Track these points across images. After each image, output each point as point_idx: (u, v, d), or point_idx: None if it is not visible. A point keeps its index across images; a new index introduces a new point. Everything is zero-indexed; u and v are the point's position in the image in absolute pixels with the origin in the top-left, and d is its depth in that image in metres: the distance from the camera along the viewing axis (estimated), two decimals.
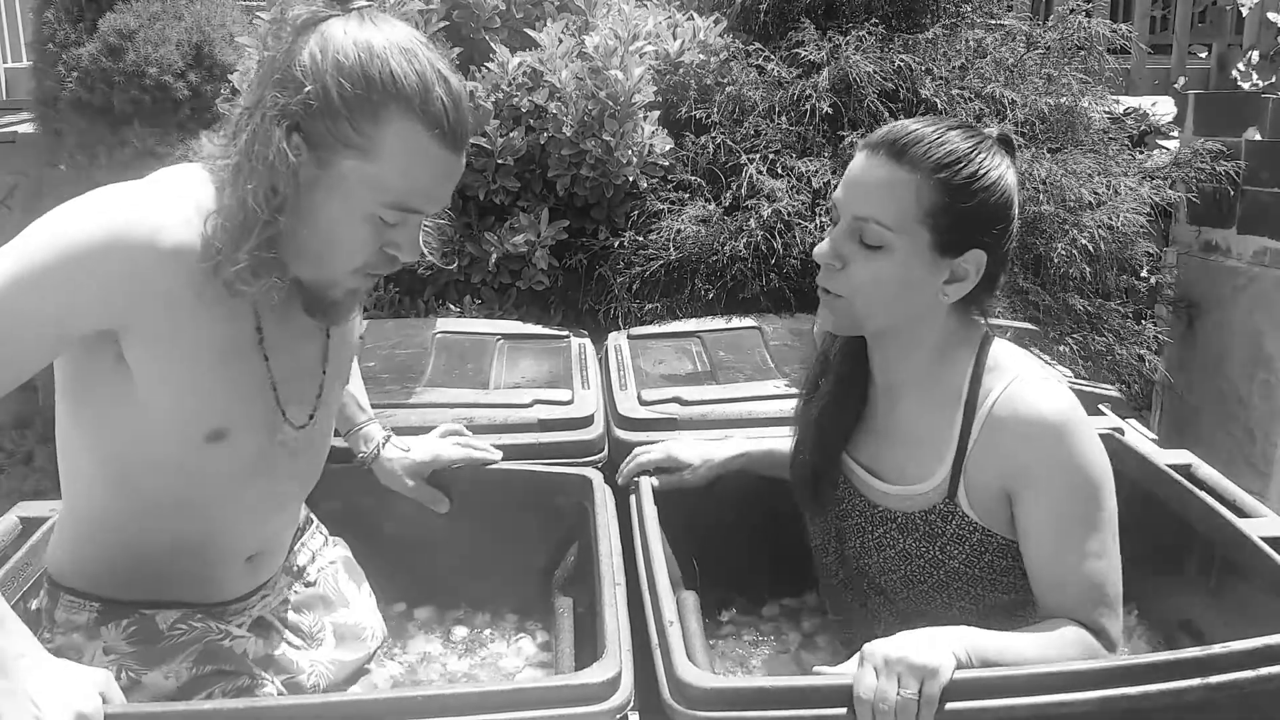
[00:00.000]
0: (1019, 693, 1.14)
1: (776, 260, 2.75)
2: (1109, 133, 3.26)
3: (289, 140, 1.12)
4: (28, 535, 1.55)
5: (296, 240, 1.19)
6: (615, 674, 1.15)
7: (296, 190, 1.15)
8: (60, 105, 2.90)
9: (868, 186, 1.30)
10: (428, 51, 1.16)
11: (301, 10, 1.15)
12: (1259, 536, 1.47)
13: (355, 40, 1.12)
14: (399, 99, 1.12)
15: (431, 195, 1.20)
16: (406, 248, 1.22)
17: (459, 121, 1.17)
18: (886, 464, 1.43)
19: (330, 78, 1.11)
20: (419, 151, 1.14)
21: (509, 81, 2.79)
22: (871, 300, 1.32)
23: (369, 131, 1.12)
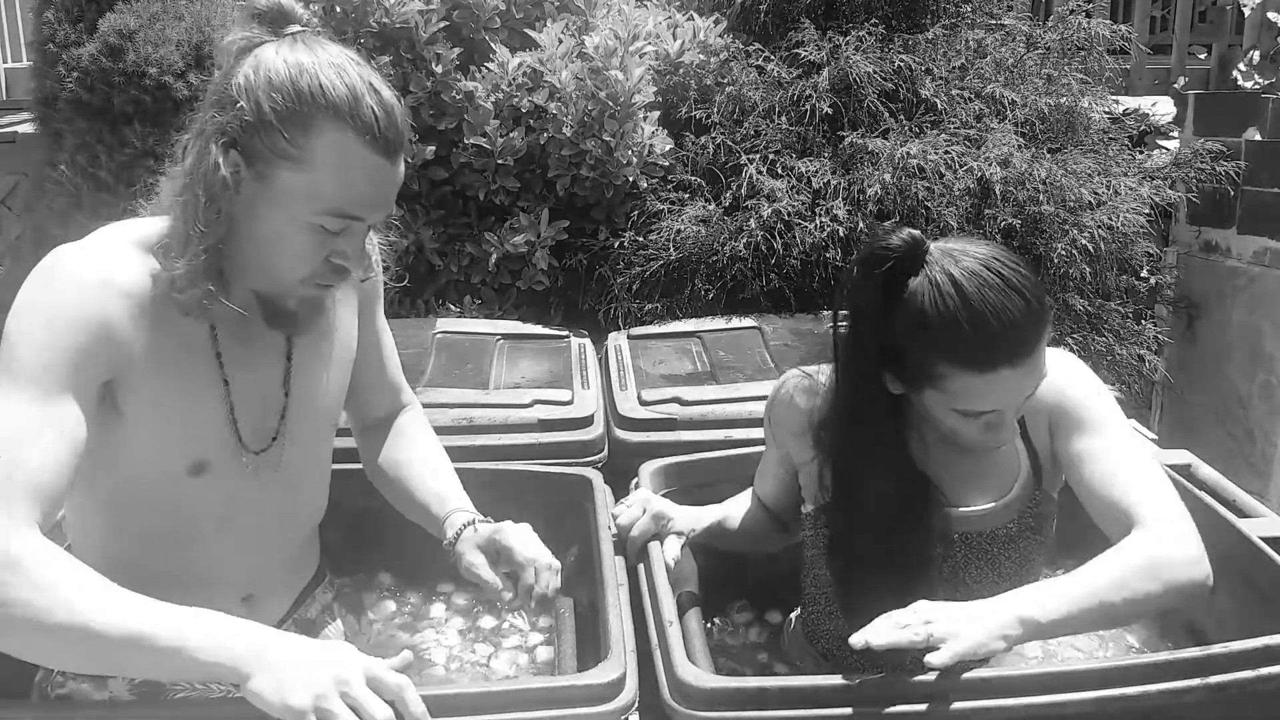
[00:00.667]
0: (1019, 693, 1.14)
1: (776, 260, 2.75)
2: (1109, 133, 3.26)
3: (226, 156, 1.17)
4: None
5: (245, 254, 1.23)
6: (620, 675, 1.15)
7: (236, 205, 1.19)
8: (60, 105, 2.90)
9: (1032, 378, 1.28)
10: (358, 67, 1.21)
11: (238, 37, 1.21)
12: (1259, 536, 1.47)
13: (286, 60, 1.17)
14: (328, 109, 1.16)
15: (369, 202, 1.22)
16: (353, 257, 1.24)
17: (390, 128, 1.20)
18: (975, 494, 1.42)
19: (262, 94, 1.16)
20: (351, 158, 1.18)
21: (509, 81, 2.79)
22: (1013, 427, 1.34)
23: (301, 142, 1.16)
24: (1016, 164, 2.84)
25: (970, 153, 2.84)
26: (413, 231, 2.87)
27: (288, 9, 1.22)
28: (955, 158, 2.81)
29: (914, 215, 2.80)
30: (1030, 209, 2.84)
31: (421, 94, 2.81)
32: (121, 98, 2.82)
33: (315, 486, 1.48)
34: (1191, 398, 3.69)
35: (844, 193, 2.80)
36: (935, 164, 2.79)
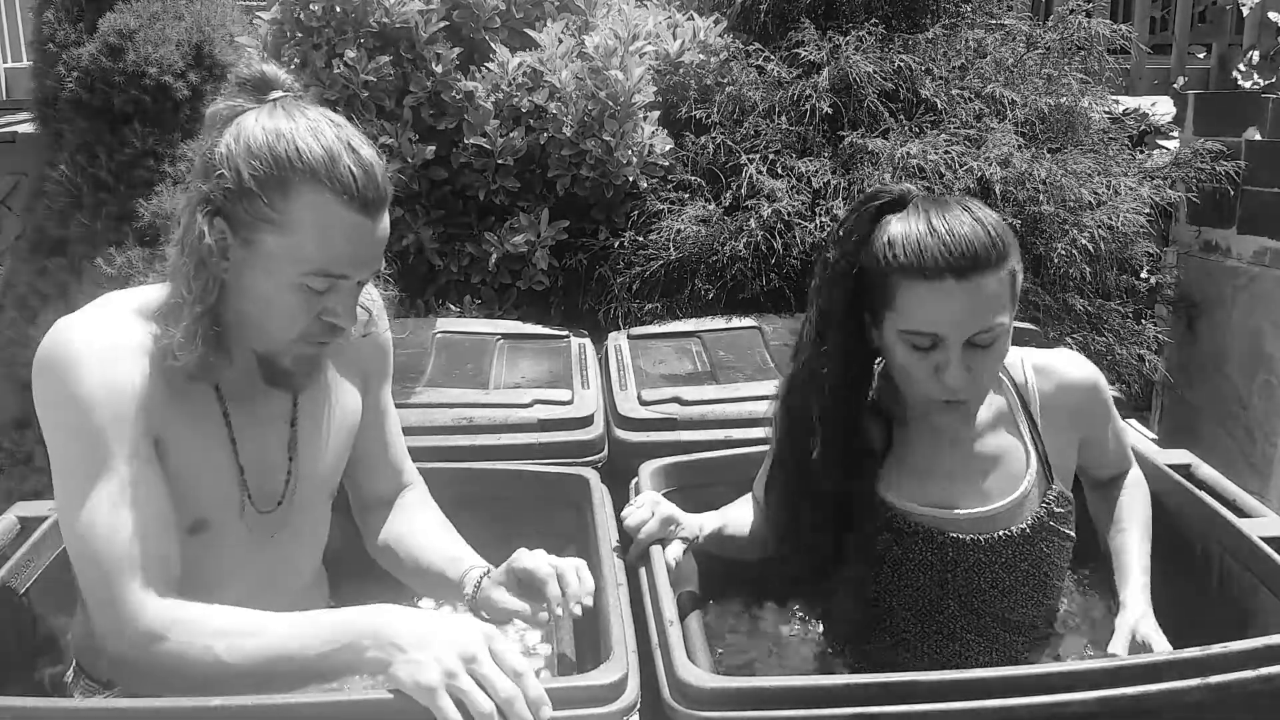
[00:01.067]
0: (1019, 693, 1.14)
1: (776, 260, 2.75)
2: (1109, 133, 3.25)
3: (211, 225, 1.21)
4: (27, 535, 1.55)
5: (240, 316, 1.28)
6: (622, 676, 1.15)
7: (227, 271, 1.24)
8: (60, 105, 2.90)
9: (980, 303, 1.31)
10: (336, 129, 1.24)
11: (222, 106, 1.27)
12: (1259, 536, 1.47)
13: (264, 126, 1.22)
14: (305, 171, 1.20)
15: (351, 260, 1.25)
16: (344, 314, 1.28)
17: (369, 186, 1.23)
18: (974, 495, 1.44)
19: (242, 161, 1.20)
20: (330, 218, 1.21)
21: (509, 81, 2.79)
22: (989, 386, 1.44)
23: (281, 206, 1.20)
24: (1016, 164, 2.84)
25: (970, 153, 2.84)
26: (413, 231, 2.87)
27: (270, 76, 1.28)
28: (955, 158, 2.81)
29: None
30: (1030, 209, 2.84)
31: (421, 94, 2.81)
32: (121, 98, 2.82)
33: (314, 547, 1.51)
34: (1191, 398, 3.69)
35: (844, 193, 2.80)
36: (935, 164, 2.79)
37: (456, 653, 1.07)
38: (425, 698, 1.05)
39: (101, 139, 2.85)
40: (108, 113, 2.85)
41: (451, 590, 1.42)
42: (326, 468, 1.45)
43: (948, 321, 1.31)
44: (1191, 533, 1.59)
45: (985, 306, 1.31)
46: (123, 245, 2.79)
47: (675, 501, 1.57)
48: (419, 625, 1.11)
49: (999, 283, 1.32)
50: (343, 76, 2.75)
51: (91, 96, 2.83)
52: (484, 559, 1.54)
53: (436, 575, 1.45)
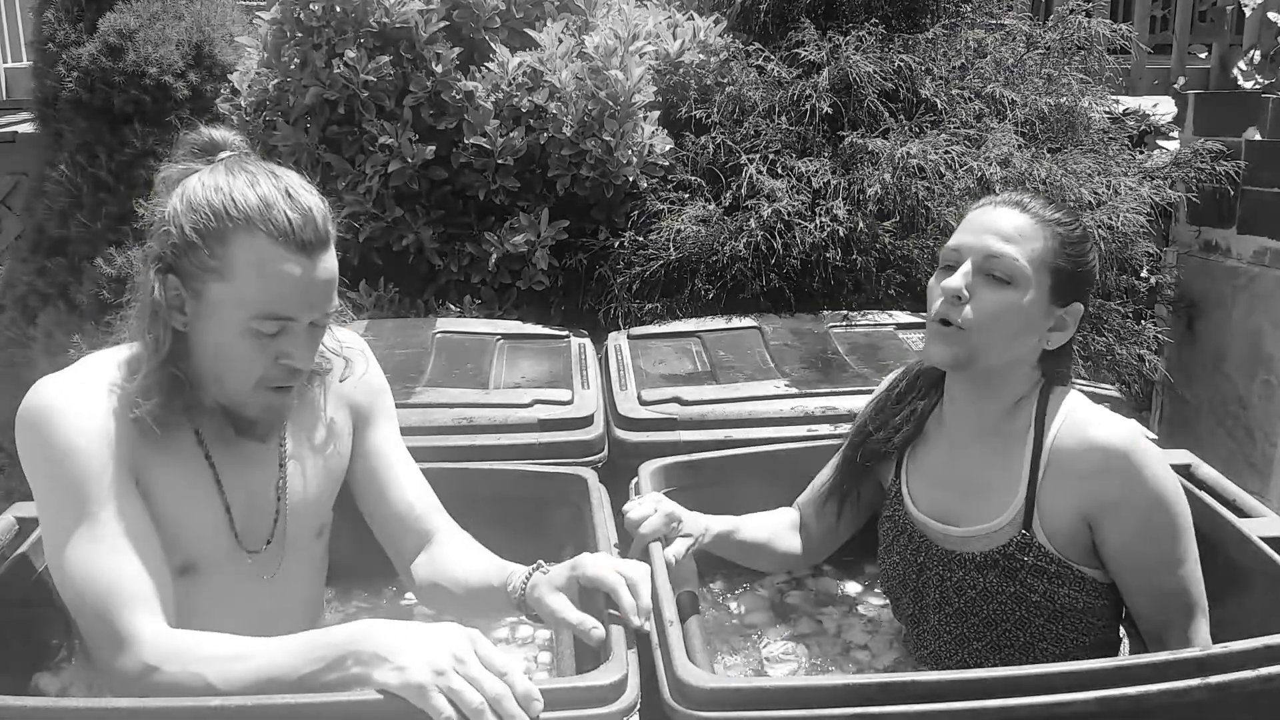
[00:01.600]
0: (1019, 693, 1.13)
1: (776, 260, 2.75)
2: (1109, 133, 3.25)
3: (163, 281, 1.28)
4: (25, 535, 1.55)
5: (201, 369, 1.33)
6: (621, 676, 1.15)
7: (181, 323, 1.30)
8: (60, 105, 2.90)
9: (1001, 228, 1.39)
10: (274, 179, 1.30)
11: (174, 169, 1.33)
12: (1259, 536, 1.47)
13: (205, 183, 1.29)
14: (240, 219, 1.26)
15: (295, 301, 1.29)
16: (298, 355, 1.32)
17: (307, 228, 1.28)
18: (957, 510, 1.48)
19: (185, 217, 1.27)
20: (268, 262, 1.26)
21: (509, 81, 2.79)
22: (990, 333, 1.40)
23: (221, 254, 1.26)
24: (1016, 164, 2.84)
25: (970, 152, 2.84)
26: (413, 231, 2.87)
27: (219, 140, 1.35)
28: (955, 157, 2.81)
29: (914, 215, 2.80)
30: None
31: (421, 94, 2.81)
32: (121, 98, 2.82)
33: (306, 586, 1.52)
34: (1191, 398, 3.69)
35: (844, 193, 2.80)
36: (935, 164, 2.79)
37: (443, 654, 1.08)
38: (416, 697, 1.06)
39: (101, 139, 2.85)
40: (108, 113, 2.86)
41: (499, 599, 1.39)
42: (313, 507, 1.47)
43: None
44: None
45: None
46: (123, 245, 2.79)
47: (676, 501, 1.57)
48: (401, 633, 1.12)
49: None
50: (343, 76, 2.75)
51: (91, 96, 2.84)
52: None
53: (485, 590, 1.41)
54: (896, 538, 1.54)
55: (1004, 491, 1.42)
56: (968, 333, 1.39)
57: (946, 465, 1.50)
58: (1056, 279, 1.39)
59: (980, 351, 1.40)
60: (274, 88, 2.88)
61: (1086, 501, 1.36)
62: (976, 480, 1.46)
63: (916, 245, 2.78)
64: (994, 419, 1.46)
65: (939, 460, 1.52)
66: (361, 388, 1.54)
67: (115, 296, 2.76)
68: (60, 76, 2.85)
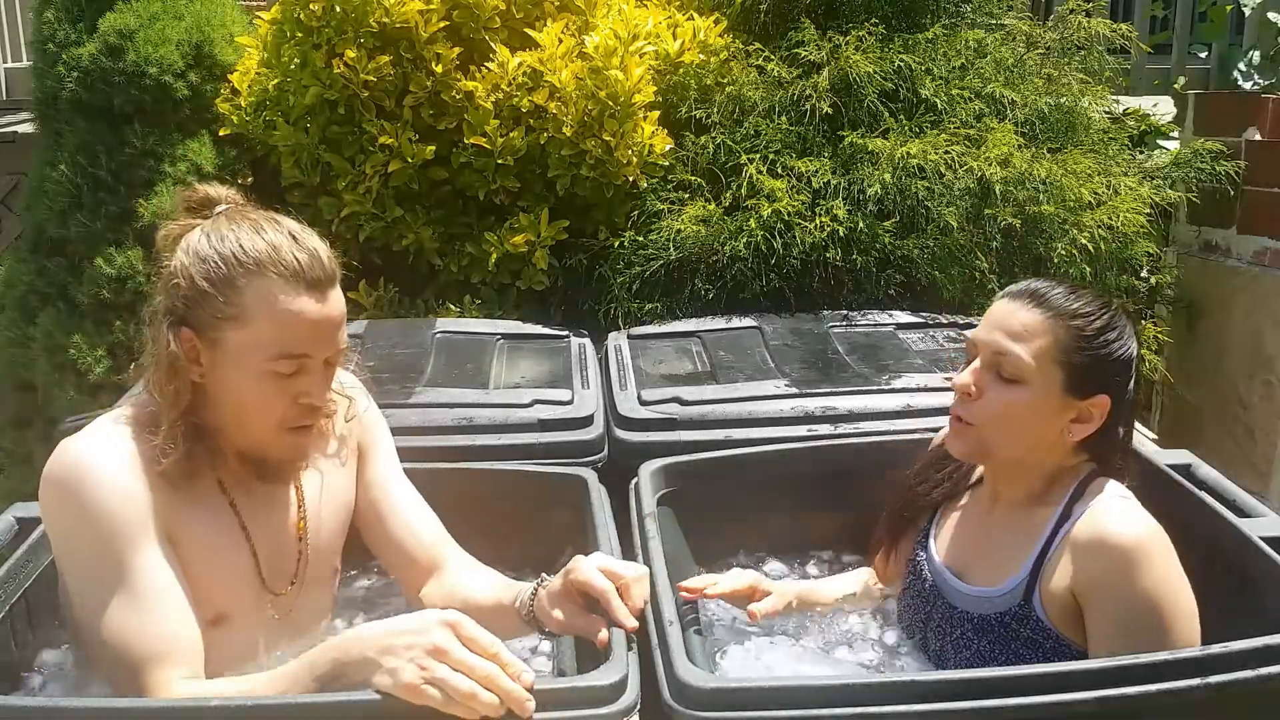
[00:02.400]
0: (1019, 693, 1.14)
1: (776, 260, 2.75)
2: (1109, 133, 3.25)
3: (177, 334, 1.31)
4: (26, 535, 1.55)
5: (222, 417, 1.36)
6: (622, 676, 1.15)
7: (198, 374, 1.32)
8: (60, 105, 2.90)
9: (1010, 326, 1.42)
10: (276, 225, 1.35)
11: (173, 226, 1.38)
12: (1259, 536, 1.47)
13: (209, 235, 1.33)
14: (251, 264, 1.30)
15: (310, 338, 1.32)
16: (316, 393, 1.35)
17: (315, 267, 1.32)
18: (971, 568, 1.50)
19: (194, 269, 1.31)
20: (282, 302, 1.30)
21: (509, 81, 2.79)
22: (1001, 430, 1.43)
23: (235, 300, 1.30)
24: (1016, 164, 2.84)
25: (970, 152, 2.84)
26: (413, 231, 2.87)
27: (214, 196, 1.40)
28: (955, 157, 2.81)
29: (914, 215, 2.80)
30: (1030, 209, 2.84)
31: (421, 94, 2.81)
32: (121, 98, 2.82)
33: (320, 619, 1.55)
34: (1191, 398, 3.69)
35: (844, 193, 2.80)
36: (935, 164, 2.79)
37: (426, 648, 1.09)
38: (410, 696, 1.08)
39: (101, 139, 2.85)
40: (108, 113, 2.85)
41: (513, 618, 1.39)
42: (331, 545, 1.52)
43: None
44: (1191, 533, 1.59)
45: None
46: (123, 245, 2.79)
47: (676, 501, 1.57)
48: (381, 635, 1.13)
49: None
50: (343, 76, 2.75)
51: (91, 96, 2.83)
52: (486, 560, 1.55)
53: (496, 610, 1.41)
54: (915, 580, 1.58)
55: (1014, 561, 1.44)
56: (978, 429, 1.43)
57: (973, 521, 1.54)
58: (1069, 374, 1.40)
59: (993, 446, 1.45)
60: (274, 88, 2.88)
61: (1079, 578, 1.36)
62: (994, 543, 1.48)
63: (916, 245, 2.78)
64: (1030, 490, 1.48)
65: (969, 515, 1.56)
66: (362, 426, 1.58)
67: (115, 296, 2.76)
68: (60, 76, 2.85)
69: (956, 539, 1.56)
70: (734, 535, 1.84)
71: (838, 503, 1.84)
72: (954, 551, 1.54)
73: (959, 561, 1.53)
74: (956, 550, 1.54)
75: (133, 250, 2.78)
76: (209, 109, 2.94)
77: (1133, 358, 1.45)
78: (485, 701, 1.07)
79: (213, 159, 2.90)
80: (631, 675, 1.16)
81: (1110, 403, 1.42)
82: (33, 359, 2.87)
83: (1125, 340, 1.43)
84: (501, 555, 1.73)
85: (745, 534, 1.85)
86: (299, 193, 2.91)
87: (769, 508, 1.83)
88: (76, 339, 2.76)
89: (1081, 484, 1.44)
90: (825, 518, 1.87)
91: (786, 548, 1.87)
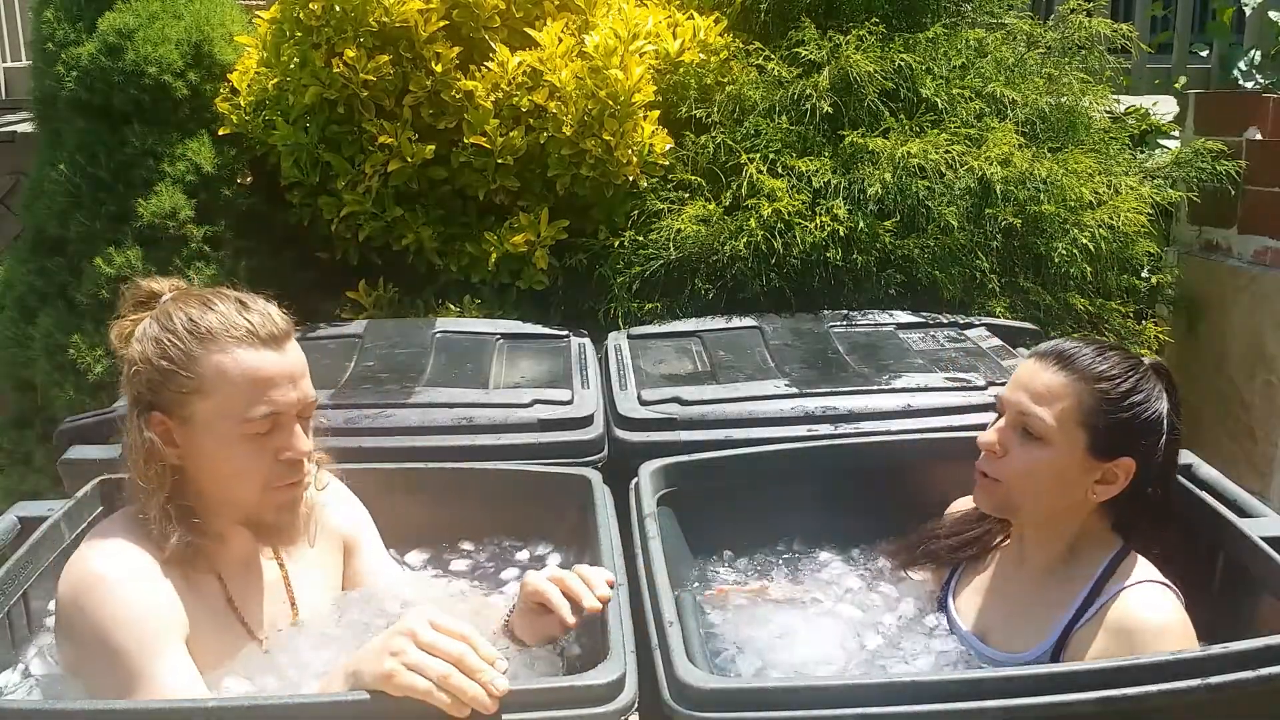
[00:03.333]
0: (1020, 693, 1.13)
1: (777, 260, 2.75)
2: (1110, 132, 3.25)
3: (148, 420, 1.35)
4: (26, 535, 1.55)
5: (210, 492, 1.39)
6: (620, 675, 1.15)
7: (176, 456, 1.36)
8: (60, 105, 2.89)
9: (1035, 386, 1.45)
10: (223, 297, 1.40)
11: (124, 323, 1.43)
12: (1259, 536, 1.47)
13: (160, 319, 1.38)
14: (205, 335, 1.35)
15: (278, 395, 1.36)
16: (296, 446, 1.38)
17: (267, 325, 1.37)
18: (995, 629, 1.51)
19: (152, 353, 1.36)
20: (242, 364, 1.34)
21: (509, 81, 2.79)
22: (1026, 487, 1.45)
23: (196, 372, 1.34)
24: (1017, 163, 2.83)
25: (971, 152, 2.84)
26: (413, 231, 2.87)
27: (157, 289, 1.44)
28: (956, 157, 2.81)
29: (915, 214, 2.80)
30: (1031, 208, 2.84)
31: (421, 94, 2.81)
32: (121, 97, 2.81)
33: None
34: (1192, 398, 3.68)
35: (844, 192, 2.80)
36: (936, 163, 2.79)
37: (396, 638, 1.12)
38: (388, 684, 1.10)
39: (101, 139, 2.84)
40: (107, 112, 2.85)
41: (505, 641, 1.41)
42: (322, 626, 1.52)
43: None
44: (1192, 533, 1.59)
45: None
46: (122, 245, 2.79)
47: (676, 501, 1.57)
48: (362, 649, 1.17)
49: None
50: (343, 76, 2.75)
51: (91, 96, 2.83)
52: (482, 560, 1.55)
53: (493, 638, 1.43)
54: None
55: (1041, 628, 1.44)
56: (1004, 485, 1.46)
57: (998, 585, 1.55)
58: (1093, 436, 1.42)
59: (1018, 503, 1.47)
60: (274, 87, 2.88)
61: (1097, 650, 1.37)
62: (1021, 608, 1.49)
63: (917, 245, 2.78)
64: (1057, 555, 1.49)
65: (993, 577, 1.57)
66: (347, 522, 1.61)
67: (115, 296, 2.76)
68: (60, 76, 2.84)
69: (980, 601, 1.56)
70: (734, 535, 1.84)
71: (838, 502, 1.83)
72: (977, 613, 1.55)
73: (982, 624, 1.53)
74: (980, 612, 1.55)
75: (132, 250, 2.77)
76: (208, 108, 2.94)
77: (1162, 419, 1.47)
78: (457, 685, 1.08)
79: (212, 158, 2.90)
80: (629, 674, 1.16)
81: (1136, 466, 1.44)
82: (33, 359, 2.87)
83: (1152, 403, 1.45)
84: (502, 556, 1.73)
85: (745, 534, 1.85)
86: (298, 192, 2.91)
87: (769, 508, 1.83)
88: (76, 339, 2.76)
89: (1115, 559, 1.45)
90: (826, 518, 1.87)
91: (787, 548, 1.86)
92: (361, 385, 2.11)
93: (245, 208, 2.94)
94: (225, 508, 1.40)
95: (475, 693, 1.09)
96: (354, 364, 2.26)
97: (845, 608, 1.62)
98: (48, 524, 1.55)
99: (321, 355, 2.33)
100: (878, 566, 1.74)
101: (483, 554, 1.76)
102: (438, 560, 1.75)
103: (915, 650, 1.53)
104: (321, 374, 2.20)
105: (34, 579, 1.50)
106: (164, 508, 1.34)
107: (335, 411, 1.96)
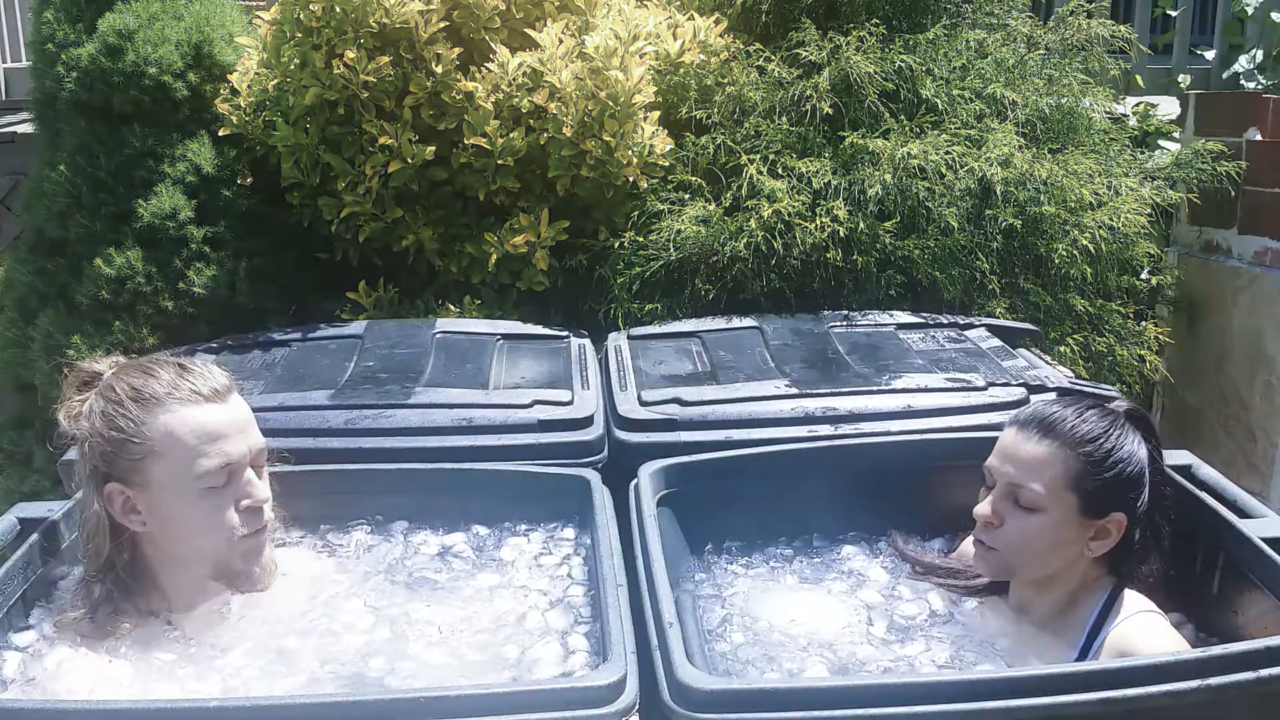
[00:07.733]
0: (1020, 693, 1.13)
1: (776, 260, 2.75)
2: (1110, 133, 3.25)
3: (102, 491, 1.39)
4: (26, 536, 1.55)
5: (176, 551, 1.43)
6: (620, 676, 1.15)
7: (140, 524, 1.40)
8: (59, 105, 2.89)
9: (1022, 457, 1.49)
10: (165, 363, 1.45)
11: (70, 404, 1.45)
12: (1259, 537, 1.47)
13: (103, 393, 1.42)
14: (151, 399, 1.39)
15: (229, 447, 1.41)
16: (255, 492, 1.44)
17: (208, 381, 1.42)
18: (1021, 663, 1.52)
19: (101, 425, 1.40)
20: (190, 420, 1.39)
21: (509, 81, 2.79)
22: (1024, 553, 1.50)
23: (146, 435, 1.38)
24: (1017, 164, 2.83)
25: (971, 153, 2.84)
26: (413, 232, 2.87)
27: (98, 369, 1.48)
28: (956, 158, 2.81)
29: (915, 215, 2.80)
30: (1031, 209, 2.84)
31: (421, 94, 2.81)
32: (121, 98, 2.81)
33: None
34: (1192, 398, 3.69)
35: (844, 193, 2.80)
36: (936, 164, 2.79)
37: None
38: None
39: (101, 139, 2.84)
40: (107, 113, 2.85)
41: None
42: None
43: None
44: (1192, 534, 1.59)
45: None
46: (122, 245, 2.79)
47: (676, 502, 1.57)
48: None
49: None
50: (343, 76, 2.75)
51: (91, 96, 2.82)
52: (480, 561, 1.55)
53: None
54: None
55: (1057, 645, 1.48)
56: (1001, 553, 1.50)
57: (998, 636, 1.55)
58: (1083, 498, 1.47)
59: (1018, 568, 1.51)
60: (274, 88, 2.88)
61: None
62: (1020, 649, 1.51)
63: (917, 245, 2.78)
64: (1051, 609, 1.53)
65: (992, 628, 1.57)
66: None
67: (114, 297, 2.76)
68: (59, 76, 2.84)
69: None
70: (734, 536, 1.84)
71: (838, 503, 1.83)
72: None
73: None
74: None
75: (132, 251, 2.77)
76: (208, 109, 2.94)
77: (1144, 470, 1.50)
78: None
79: (212, 159, 2.89)
80: (630, 675, 1.16)
81: (1126, 519, 1.49)
82: (32, 359, 2.87)
83: (1135, 456, 1.49)
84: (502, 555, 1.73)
85: (746, 535, 1.85)
86: (299, 193, 2.91)
87: (769, 508, 1.82)
88: (76, 339, 2.75)
89: (1109, 599, 1.49)
90: (826, 518, 1.86)
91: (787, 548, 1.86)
92: (361, 385, 2.11)
93: (245, 208, 2.94)
94: (195, 564, 1.44)
95: None
96: (354, 364, 2.26)
97: (846, 607, 1.62)
98: (47, 525, 1.55)
99: (321, 356, 2.33)
100: (880, 566, 1.73)
101: (480, 554, 1.75)
102: (437, 559, 1.75)
103: (915, 652, 1.53)
104: (321, 374, 2.21)
105: (33, 580, 1.50)
106: (100, 578, 1.39)
107: (335, 412, 1.96)
